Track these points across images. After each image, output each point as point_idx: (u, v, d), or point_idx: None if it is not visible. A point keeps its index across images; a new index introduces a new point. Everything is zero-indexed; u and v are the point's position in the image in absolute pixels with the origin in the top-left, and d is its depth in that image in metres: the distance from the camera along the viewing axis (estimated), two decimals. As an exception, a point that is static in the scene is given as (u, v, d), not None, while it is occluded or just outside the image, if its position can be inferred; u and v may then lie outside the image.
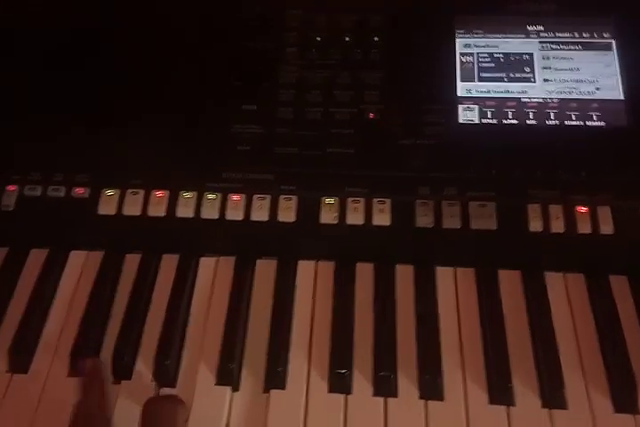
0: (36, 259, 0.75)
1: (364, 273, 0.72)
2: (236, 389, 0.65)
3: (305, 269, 0.73)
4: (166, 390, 0.66)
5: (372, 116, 0.77)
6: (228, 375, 0.65)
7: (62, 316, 0.71)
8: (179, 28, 0.84)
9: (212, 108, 0.79)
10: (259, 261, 0.74)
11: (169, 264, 0.74)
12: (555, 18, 0.82)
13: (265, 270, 0.73)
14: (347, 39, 0.82)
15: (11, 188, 0.77)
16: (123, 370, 0.67)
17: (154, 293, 0.72)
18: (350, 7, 0.84)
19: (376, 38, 0.82)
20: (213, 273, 0.73)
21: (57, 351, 0.69)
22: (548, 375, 0.63)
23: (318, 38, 0.82)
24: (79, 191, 0.76)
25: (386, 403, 0.63)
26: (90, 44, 0.84)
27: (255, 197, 0.74)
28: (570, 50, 0.81)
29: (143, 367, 0.67)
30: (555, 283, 0.70)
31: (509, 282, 0.70)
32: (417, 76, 0.79)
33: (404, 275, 0.71)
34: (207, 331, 0.69)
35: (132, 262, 0.75)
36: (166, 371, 0.66)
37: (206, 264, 0.74)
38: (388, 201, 0.73)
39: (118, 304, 0.72)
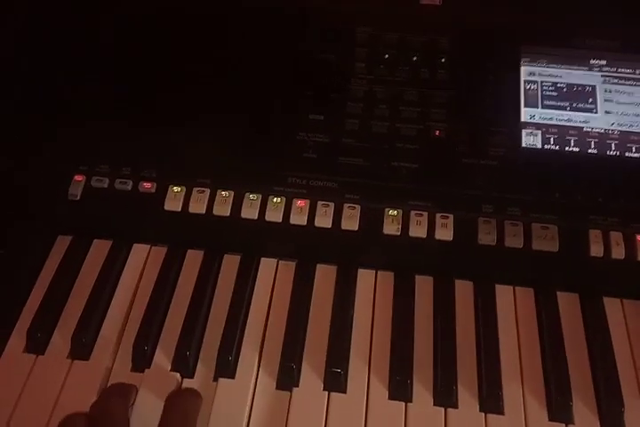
0: (98, 250, 0.77)
1: (424, 285, 0.74)
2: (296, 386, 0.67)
3: (365, 277, 0.75)
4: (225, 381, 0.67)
5: (437, 133, 0.80)
6: (288, 374, 0.67)
7: (124, 308, 0.73)
8: (258, 36, 0.86)
9: (281, 115, 0.81)
10: (319, 266, 0.76)
11: (230, 264, 0.76)
12: (617, 54, 0.85)
13: (325, 276, 0.75)
14: (414, 58, 0.85)
15: (78, 178, 0.78)
16: (185, 367, 0.68)
17: (215, 292, 0.74)
18: (418, 28, 0.87)
19: (443, 59, 0.84)
20: (274, 275, 0.75)
21: (118, 342, 0.70)
22: (607, 395, 0.65)
23: (387, 56, 0.85)
24: (146, 186, 0.78)
25: (446, 413, 0.65)
26: (165, 44, 0.86)
27: (319, 203, 0.76)
28: (631, 85, 0.83)
29: (203, 365, 0.68)
30: (613, 307, 0.73)
31: (568, 304, 0.73)
32: (482, 99, 0.82)
33: (463, 290, 0.74)
34: (267, 333, 0.71)
35: (193, 259, 0.76)
36: (227, 366, 0.67)
37: (267, 265, 0.76)
38: (451, 216, 0.75)
39: (178, 300, 0.73)
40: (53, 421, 0.64)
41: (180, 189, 0.77)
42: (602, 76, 0.84)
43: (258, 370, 0.68)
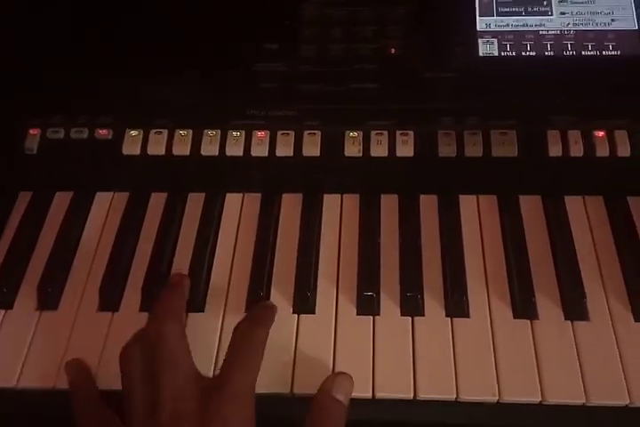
0: (61, 202, 0.82)
1: (389, 204, 0.80)
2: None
3: (330, 202, 0.80)
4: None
5: (393, 51, 0.84)
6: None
7: (90, 256, 0.78)
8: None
9: (234, 47, 0.86)
10: (285, 196, 0.81)
11: (195, 203, 0.82)
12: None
13: (291, 204, 0.80)
14: (366, -25, 0.87)
15: (33, 131, 0.83)
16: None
17: (181, 230, 0.80)
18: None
19: (394, -25, 0.87)
20: (240, 209, 0.81)
21: (85, 288, 0.76)
22: (570, 289, 0.71)
23: (336, -24, 0.88)
24: (102, 133, 0.83)
25: (413, 322, 0.71)
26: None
27: (279, 133, 0.81)
28: (586, -17, 0.87)
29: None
30: (575, 205, 0.78)
31: (530, 207, 0.78)
32: (437, 12, 0.86)
33: (428, 204, 0.79)
34: (234, 265, 0.77)
35: (157, 201, 0.82)
36: (198, 301, 0.74)
37: (232, 201, 0.81)
38: (411, 133, 0.80)
39: (144, 243, 0.79)
40: (25, 372, 0.70)
41: (137, 132, 0.82)
42: (556, -24, 0.89)
43: (226, 302, 0.74)
